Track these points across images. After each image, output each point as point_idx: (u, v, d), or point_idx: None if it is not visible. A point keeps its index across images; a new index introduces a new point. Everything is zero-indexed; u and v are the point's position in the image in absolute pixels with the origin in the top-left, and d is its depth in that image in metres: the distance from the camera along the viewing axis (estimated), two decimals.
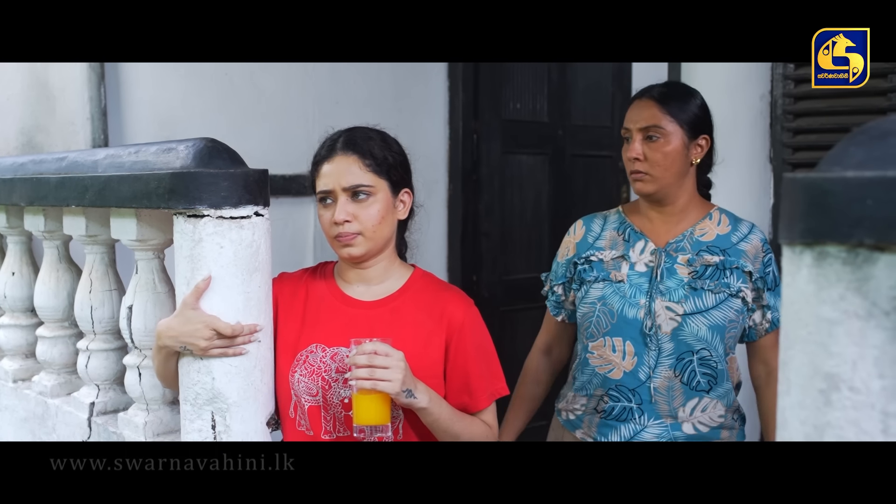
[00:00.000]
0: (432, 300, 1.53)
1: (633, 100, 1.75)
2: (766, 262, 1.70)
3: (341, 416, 1.49)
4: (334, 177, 1.48)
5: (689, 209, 1.72)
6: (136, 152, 1.62)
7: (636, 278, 1.71)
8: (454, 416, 1.48)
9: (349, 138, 1.51)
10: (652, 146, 1.67)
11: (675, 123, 1.67)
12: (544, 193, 3.85)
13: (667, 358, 1.67)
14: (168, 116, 2.83)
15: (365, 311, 1.54)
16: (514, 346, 3.76)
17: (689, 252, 1.69)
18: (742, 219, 1.75)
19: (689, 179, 1.71)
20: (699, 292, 1.66)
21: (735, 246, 1.69)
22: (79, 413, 1.89)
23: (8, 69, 2.80)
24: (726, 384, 1.71)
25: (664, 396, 1.68)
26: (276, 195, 1.58)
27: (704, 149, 1.71)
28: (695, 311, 1.65)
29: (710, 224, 1.72)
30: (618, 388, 1.71)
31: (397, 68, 3.38)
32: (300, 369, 1.50)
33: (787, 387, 0.67)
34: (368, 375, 1.36)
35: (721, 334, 1.66)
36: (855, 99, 2.21)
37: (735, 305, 1.67)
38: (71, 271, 2.06)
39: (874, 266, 0.60)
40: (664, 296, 1.67)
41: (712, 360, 1.67)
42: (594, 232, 1.81)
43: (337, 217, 1.47)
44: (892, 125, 0.65)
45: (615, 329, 1.71)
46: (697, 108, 1.70)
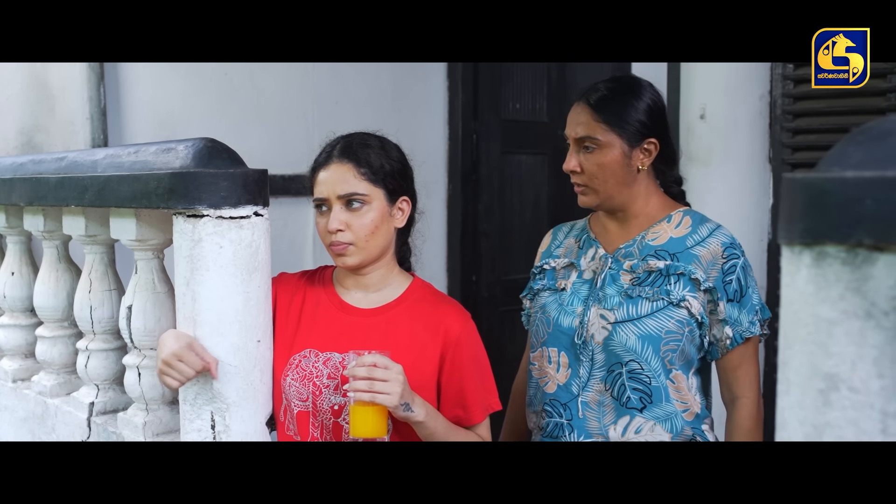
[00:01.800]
0: (429, 312, 1.53)
1: (573, 102, 1.60)
2: (726, 270, 1.51)
3: (330, 422, 1.48)
4: (329, 185, 1.48)
5: (645, 213, 1.58)
6: (136, 152, 1.62)
7: (579, 286, 1.60)
8: (450, 429, 1.48)
9: (346, 146, 1.51)
10: (588, 157, 1.54)
11: (612, 132, 1.52)
12: (544, 193, 3.85)
13: (598, 370, 1.54)
14: (167, 116, 2.84)
15: (360, 318, 1.53)
16: (513, 346, 3.76)
17: (637, 257, 1.56)
18: (710, 221, 1.58)
19: (642, 184, 1.57)
20: (635, 300, 1.52)
21: (688, 250, 1.53)
22: (78, 413, 1.88)
23: (7, 69, 2.80)
24: (667, 406, 1.52)
25: (594, 412, 1.55)
26: (275, 195, 1.58)
27: (654, 153, 1.55)
28: (626, 319, 1.52)
29: (667, 227, 1.57)
30: (552, 402, 1.60)
31: (397, 68, 3.38)
32: (292, 373, 1.50)
33: (787, 387, 0.67)
34: (368, 388, 1.35)
35: (654, 346, 1.50)
36: (854, 99, 2.22)
37: (676, 315, 1.50)
38: (70, 271, 2.06)
39: (873, 266, 0.60)
40: (601, 303, 1.55)
41: (643, 375, 1.51)
42: (558, 240, 1.73)
43: (330, 226, 1.47)
44: (892, 125, 0.65)
45: (551, 338, 1.61)
46: (641, 111, 1.54)
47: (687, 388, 1.54)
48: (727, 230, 1.57)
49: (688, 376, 1.54)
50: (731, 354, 1.54)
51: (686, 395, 1.54)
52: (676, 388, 1.53)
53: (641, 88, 1.57)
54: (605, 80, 1.60)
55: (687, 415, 1.54)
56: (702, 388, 1.59)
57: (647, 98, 1.56)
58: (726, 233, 1.56)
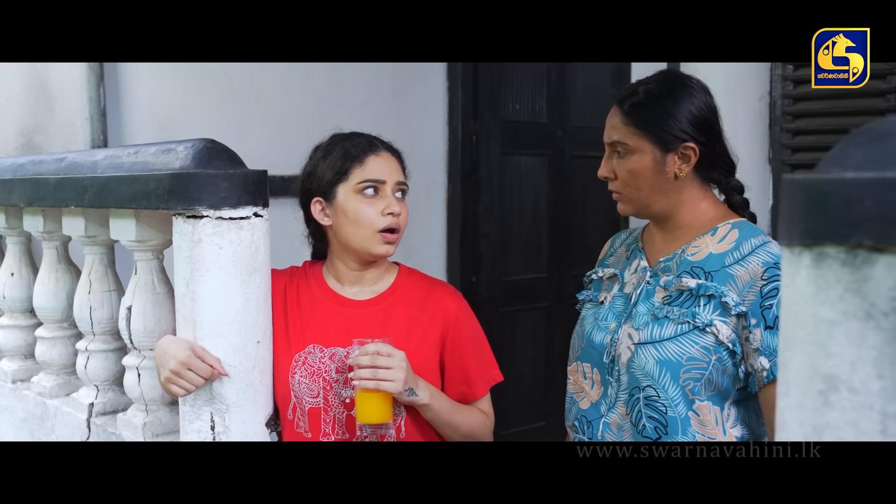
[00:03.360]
0: (425, 295, 1.58)
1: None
2: (765, 293, 1.33)
3: (342, 416, 1.50)
4: (386, 170, 1.53)
5: (692, 223, 1.46)
6: (136, 153, 1.62)
7: (617, 300, 1.51)
8: (453, 408, 1.53)
9: (386, 142, 1.58)
10: (619, 163, 1.45)
11: (641, 137, 1.42)
12: (543, 194, 3.85)
13: (623, 392, 1.44)
14: (167, 117, 2.83)
15: (360, 310, 1.56)
16: (513, 347, 3.76)
17: (674, 273, 1.44)
18: (759, 236, 1.40)
19: (685, 192, 1.44)
20: (661, 321, 1.40)
21: (725, 268, 1.38)
22: (78, 414, 1.88)
23: (7, 69, 2.80)
24: (684, 439, 1.38)
25: (613, 436, 1.45)
26: (275, 196, 1.58)
27: (693, 159, 1.42)
28: (648, 341, 1.40)
29: (710, 241, 1.43)
30: (581, 418, 1.52)
31: (396, 69, 3.38)
32: (300, 370, 1.51)
33: (786, 388, 0.67)
34: (371, 375, 1.40)
35: (673, 373, 1.36)
36: (854, 100, 2.21)
37: (702, 341, 1.35)
38: (70, 272, 2.06)
39: (873, 267, 0.60)
40: (631, 321, 1.44)
41: (659, 403, 1.38)
42: (613, 247, 1.64)
43: (394, 208, 1.51)
44: (891, 126, 0.65)
45: (584, 353, 1.53)
46: (678, 114, 1.42)
47: (715, 422, 1.38)
48: (776, 248, 1.37)
49: (723, 407, 1.39)
50: (769, 389, 1.33)
51: (713, 428, 1.38)
52: (701, 421, 1.38)
53: (683, 89, 1.44)
54: (646, 79, 1.49)
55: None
56: (743, 419, 1.42)
57: (688, 100, 1.43)
58: (772, 251, 1.36)
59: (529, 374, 3.73)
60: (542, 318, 3.80)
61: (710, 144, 1.45)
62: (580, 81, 3.89)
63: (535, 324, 3.81)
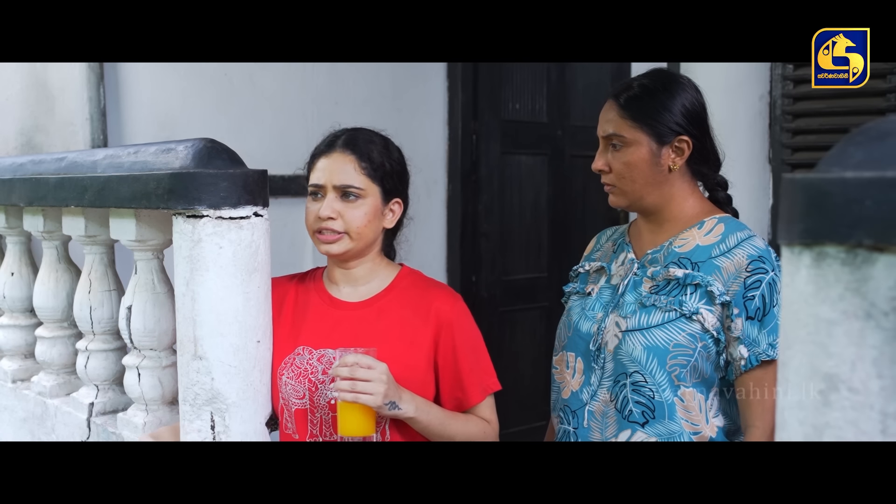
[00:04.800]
0: (419, 297, 1.53)
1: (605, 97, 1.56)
2: (748, 284, 1.40)
3: (328, 418, 1.48)
4: (328, 173, 1.50)
5: (679, 217, 1.51)
6: (136, 153, 1.62)
7: (604, 291, 1.55)
8: (446, 418, 1.48)
9: (351, 137, 1.53)
10: (615, 155, 1.50)
11: (639, 129, 1.47)
12: (543, 194, 3.85)
13: (607, 379, 1.48)
14: (167, 117, 2.84)
15: (351, 312, 1.54)
16: (513, 347, 3.76)
17: (661, 264, 1.49)
18: (744, 230, 1.47)
19: (676, 185, 1.50)
20: (648, 309, 1.45)
21: (711, 260, 1.44)
22: (78, 413, 1.88)
23: (7, 69, 2.80)
24: (671, 424, 1.43)
25: (598, 423, 1.49)
26: (275, 195, 1.58)
27: (686, 152, 1.48)
28: (636, 328, 1.45)
29: (697, 234, 1.48)
30: (564, 408, 1.55)
31: (396, 68, 3.38)
32: (287, 372, 1.50)
33: (787, 387, 0.67)
34: (350, 388, 1.36)
35: (660, 358, 1.41)
36: (854, 100, 2.22)
37: (688, 329, 1.41)
38: (70, 271, 2.06)
39: (873, 267, 0.60)
40: (618, 310, 1.49)
41: (647, 388, 1.43)
42: (599, 243, 1.69)
43: (322, 212, 1.48)
44: (891, 126, 0.65)
45: (570, 343, 1.56)
46: (673, 108, 1.47)
47: (699, 409, 1.44)
48: (760, 242, 1.45)
49: (707, 396, 1.44)
50: (745, 377, 1.41)
51: (697, 415, 1.44)
52: (685, 407, 1.43)
53: (676, 85, 1.51)
54: (640, 75, 1.54)
55: (698, 437, 1.44)
56: (725, 410, 1.48)
57: (682, 95, 1.49)
58: (757, 244, 1.43)
59: (529, 374, 3.73)
60: (542, 318, 3.80)
61: (701, 138, 1.51)
62: (580, 81, 3.89)
63: (535, 323, 3.82)
